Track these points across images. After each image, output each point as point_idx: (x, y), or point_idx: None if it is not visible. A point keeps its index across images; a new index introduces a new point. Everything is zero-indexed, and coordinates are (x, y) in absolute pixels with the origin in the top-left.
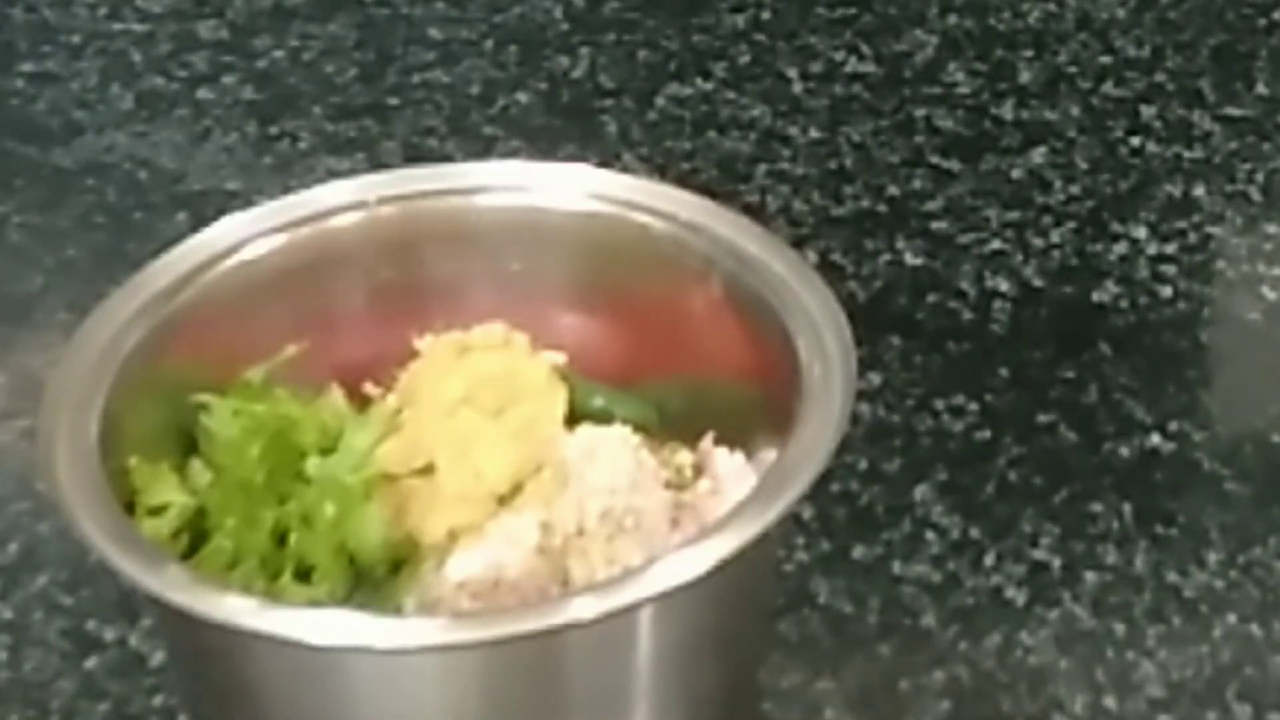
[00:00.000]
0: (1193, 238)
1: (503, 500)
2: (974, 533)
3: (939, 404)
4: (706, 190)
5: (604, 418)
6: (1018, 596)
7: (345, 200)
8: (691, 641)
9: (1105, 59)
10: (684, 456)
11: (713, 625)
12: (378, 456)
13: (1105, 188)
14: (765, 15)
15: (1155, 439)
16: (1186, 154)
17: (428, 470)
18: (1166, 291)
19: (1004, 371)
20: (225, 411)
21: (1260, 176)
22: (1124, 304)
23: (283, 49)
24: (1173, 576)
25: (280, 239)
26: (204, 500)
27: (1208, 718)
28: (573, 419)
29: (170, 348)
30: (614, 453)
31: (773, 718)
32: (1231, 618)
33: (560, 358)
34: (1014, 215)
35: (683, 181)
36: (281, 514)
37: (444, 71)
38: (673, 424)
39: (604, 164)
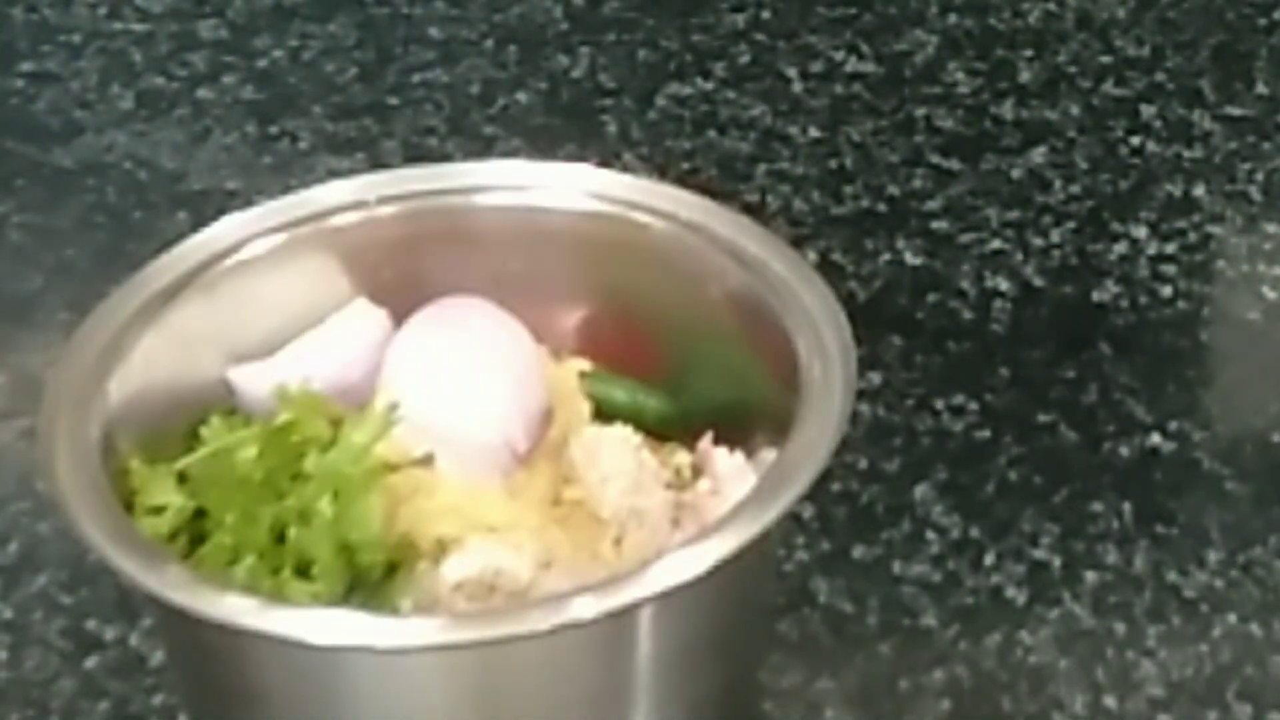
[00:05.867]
0: (1193, 237)
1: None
2: (974, 533)
3: (939, 404)
4: (706, 190)
5: (627, 412)
6: (1018, 596)
7: (345, 200)
8: (691, 641)
9: (1105, 59)
10: (684, 456)
11: (713, 625)
12: (377, 451)
13: (1105, 187)
14: (765, 15)
15: (1155, 439)
16: (1186, 154)
17: (427, 461)
18: (1166, 291)
19: (1004, 371)
20: (223, 412)
21: (1260, 176)
22: (1124, 304)
23: (283, 49)
24: (1173, 576)
25: (280, 239)
26: (203, 500)
27: (1208, 718)
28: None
29: (170, 348)
30: (614, 453)
31: (773, 718)
32: (1231, 618)
33: (585, 364)
34: (1014, 215)
35: (683, 181)
36: (280, 509)
37: (444, 71)
38: (673, 424)
39: (604, 164)
